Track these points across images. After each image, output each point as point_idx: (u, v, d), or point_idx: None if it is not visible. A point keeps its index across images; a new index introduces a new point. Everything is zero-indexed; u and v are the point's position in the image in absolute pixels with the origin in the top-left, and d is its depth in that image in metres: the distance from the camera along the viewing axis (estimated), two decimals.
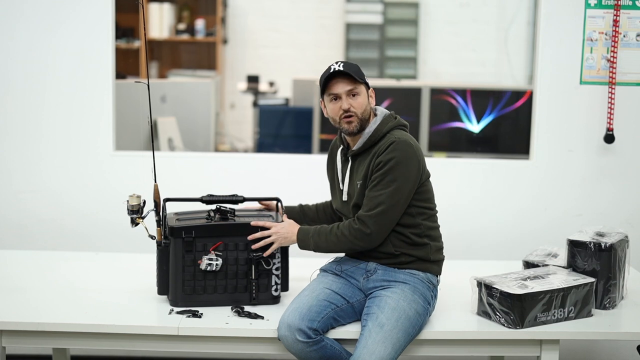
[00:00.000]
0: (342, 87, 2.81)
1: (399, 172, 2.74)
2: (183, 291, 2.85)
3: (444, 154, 5.37)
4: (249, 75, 7.60)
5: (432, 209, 2.88)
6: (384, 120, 2.85)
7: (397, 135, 2.80)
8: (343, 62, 2.83)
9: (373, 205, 2.76)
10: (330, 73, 2.81)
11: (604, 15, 3.70)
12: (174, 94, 5.68)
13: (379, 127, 2.83)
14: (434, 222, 2.89)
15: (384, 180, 2.75)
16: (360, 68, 2.87)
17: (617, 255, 2.97)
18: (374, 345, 2.62)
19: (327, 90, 2.84)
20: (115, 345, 2.78)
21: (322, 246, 2.84)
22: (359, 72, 2.83)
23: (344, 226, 2.81)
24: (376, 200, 2.75)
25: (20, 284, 3.12)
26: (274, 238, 2.86)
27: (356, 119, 2.81)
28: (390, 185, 2.74)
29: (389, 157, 2.75)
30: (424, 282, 2.82)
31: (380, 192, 2.75)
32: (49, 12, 3.78)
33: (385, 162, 2.75)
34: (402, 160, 2.75)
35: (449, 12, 8.17)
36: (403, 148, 2.76)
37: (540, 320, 2.77)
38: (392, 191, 2.74)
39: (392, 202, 2.75)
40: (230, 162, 4.02)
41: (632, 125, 3.78)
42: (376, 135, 2.82)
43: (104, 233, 3.85)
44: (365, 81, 2.85)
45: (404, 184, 2.75)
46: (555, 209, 3.85)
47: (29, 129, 3.85)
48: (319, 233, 2.84)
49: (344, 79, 2.81)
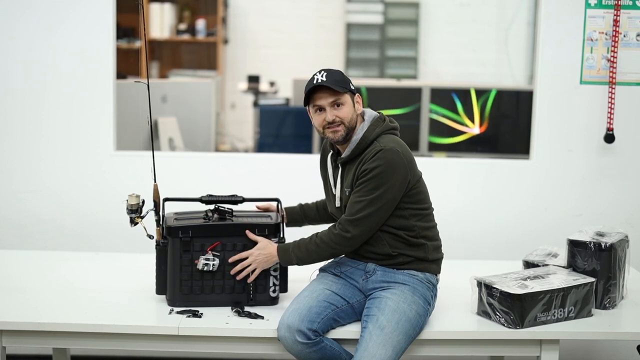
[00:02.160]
0: (325, 99, 2.79)
1: (382, 179, 2.73)
2: (180, 291, 2.85)
3: (444, 154, 5.37)
4: (249, 75, 7.60)
5: (426, 209, 2.87)
6: (371, 126, 2.83)
7: (384, 143, 2.77)
8: (327, 70, 2.81)
9: (354, 210, 2.76)
10: (313, 85, 2.79)
11: (604, 15, 3.70)
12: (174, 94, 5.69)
13: (366, 134, 2.81)
14: (429, 222, 2.88)
15: (367, 187, 2.74)
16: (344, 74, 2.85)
17: (617, 255, 2.97)
18: (375, 348, 2.62)
19: (311, 101, 2.83)
20: (116, 345, 2.78)
21: (303, 257, 2.83)
22: (342, 81, 2.80)
23: (323, 234, 2.81)
24: (357, 205, 2.75)
25: (20, 284, 3.12)
26: (255, 265, 2.85)
27: (343, 127, 2.80)
28: (373, 192, 2.73)
29: (374, 165, 2.74)
30: (424, 283, 2.82)
31: (362, 198, 2.75)
32: (49, 12, 3.78)
33: (370, 169, 2.74)
34: (387, 168, 2.73)
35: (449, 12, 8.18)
36: (388, 157, 2.74)
37: (540, 320, 2.77)
38: (375, 198, 2.73)
39: (373, 207, 2.74)
40: (231, 162, 4.02)
41: (632, 125, 3.78)
42: (363, 142, 2.80)
43: (104, 233, 3.85)
44: (350, 89, 2.82)
45: (388, 190, 2.74)
46: (555, 209, 3.85)
47: (29, 129, 3.85)
48: (298, 246, 2.83)
49: (327, 90, 2.78)
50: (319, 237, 2.81)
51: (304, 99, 2.84)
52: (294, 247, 2.84)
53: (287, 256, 2.84)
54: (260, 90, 7.47)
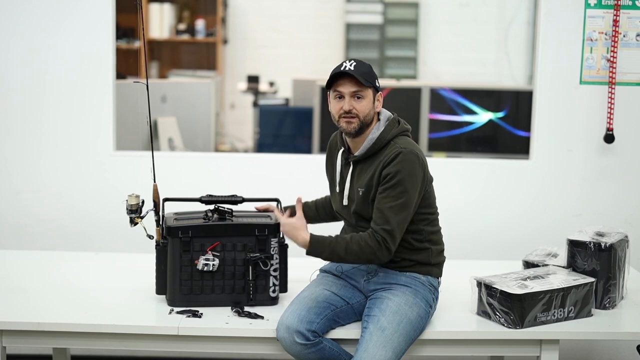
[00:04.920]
0: (347, 88, 2.77)
1: (408, 184, 2.71)
2: (180, 291, 2.85)
3: (444, 154, 5.37)
4: (249, 75, 7.60)
5: (433, 213, 2.87)
6: (388, 126, 2.81)
7: (402, 145, 2.76)
8: (357, 61, 2.78)
9: (387, 218, 2.71)
10: (339, 71, 2.77)
11: (604, 15, 3.70)
12: (174, 94, 5.68)
13: (383, 134, 2.79)
14: (435, 226, 2.88)
15: (393, 193, 2.71)
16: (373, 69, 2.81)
17: (617, 255, 2.97)
18: (375, 349, 2.61)
19: (333, 86, 2.80)
20: (116, 345, 2.78)
21: (340, 255, 2.73)
22: (369, 75, 2.78)
23: (360, 240, 2.72)
24: (388, 213, 2.71)
25: (20, 284, 3.12)
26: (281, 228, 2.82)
27: (357, 120, 2.77)
28: (401, 197, 2.71)
29: (397, 169, 2.71)
30: (425, 285, 2.81)
31: (392, 203, 2.71)
32: (49, 12, 3.78)
33: (393, 174, 2.71)
34: (409, 171, 2.72)
35: (449, 12, 8.17)
36: (409, 159, 2.73)
37: (540, 320, 2.77)
38: (404, 202, 2.71)
39: (404, 212, 2.72)
40: (230, 162, 4.02)
41: (632, 125, 3.78)
42: (380, 142, 2.78)
43: (104, 233, 3.85)
44: (375, 85, 2.80)
45: (413, 194, 2.73)
46: (555, 209, 3.85)
47: (29, 129, 3.85)
48: (337, 242, 2.74)
49: (352, 79, 2.76)
50: (363, 240, 2.71)
51: (326, 82, 2.81)
52: (331, 241, 2.75)
53: (319, 246, 2.74)
54: (260, 90, 7.47)
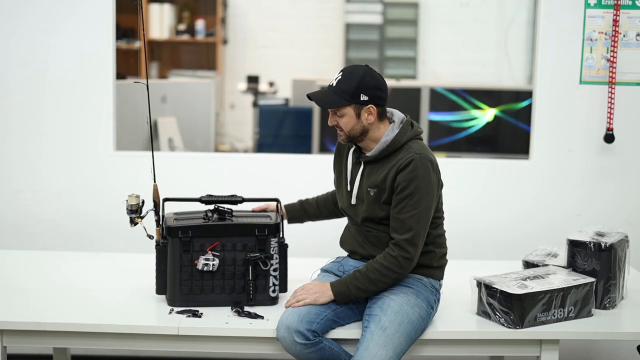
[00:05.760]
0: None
1: (424, 191, 2.71)
2: (180, 291, 2.85)
3: (444, 154, 5.37)
4: (248, 76, 7.60)
5: (440, 217, 2.87)
6: (402, 129, 2.79)
7: (416, 150, 2.74)
8: (344, 74, 2.75)
9: (407, 227, 2.70)
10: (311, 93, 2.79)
11: (604, 15, 3.70)
12: (174, 94, 5.69)
13: (397, 137, 2.77)
14: (441, 230, 2.88)
15: (411, 201, 2.70)
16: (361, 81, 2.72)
17: (617, 255, 2.97)
18: (376, 348, 2.61)
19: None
20: (116, 344, 2.78)
21: (364, 287, 2.71)
22: (346, 93, 2.71)
23: (380, 260, 2.71)
24: (408, 222, 2.70)
25: (20, 284, 3.12)
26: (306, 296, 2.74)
27: (343, 133, 2.79)
28: (419, 205, 2.70)
29: (412, 177, 2.70)
30: (427, 287, 2.81)
31: (411, 212, 2.70)
32: (49, 12, 3.78)
33: (409, 181, 2.70)
34: (425, 178, 2.71)
35: (449, 12, 8.17)
36: (424, 165, 2.72)
37: (540, 320, 2.77)
38: (421, 211, 2.71)
39: (423, 220, 2.72)
40: (230, 162, 4.02)
41: (632, 125, 3.78)
42: (394, 145, 2.77)
43: (104, 233, 3.85)
44: (358, 100, 2.72)
45: (429, 201, 2.73)
46: (555, 209, 3.85)
47: (29, 129, 3.85)
48: (355, 277, 2.72)
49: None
50: (377, 262, 2.72)
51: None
52: (351, 278, 2.73)
53: (342, 288, 2.73)
54: (260, 90, 7.48)
